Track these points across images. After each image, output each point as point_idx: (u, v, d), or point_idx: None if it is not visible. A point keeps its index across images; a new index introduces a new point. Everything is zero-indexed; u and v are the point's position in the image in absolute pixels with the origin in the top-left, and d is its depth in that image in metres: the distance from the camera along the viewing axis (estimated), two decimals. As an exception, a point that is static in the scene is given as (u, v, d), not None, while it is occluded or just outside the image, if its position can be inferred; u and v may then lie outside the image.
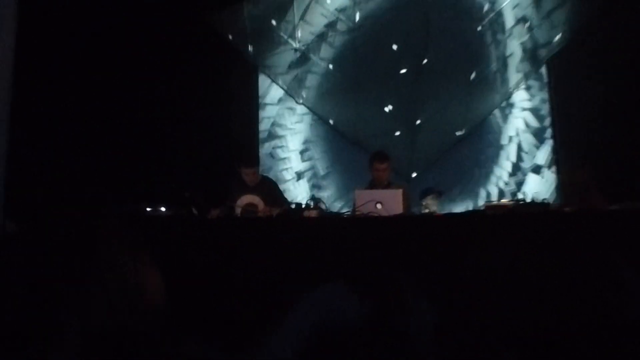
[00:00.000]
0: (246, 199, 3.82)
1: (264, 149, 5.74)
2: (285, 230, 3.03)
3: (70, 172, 4.08)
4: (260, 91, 5.79)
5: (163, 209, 3.14)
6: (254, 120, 5.70)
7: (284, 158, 5.78)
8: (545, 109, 5.87)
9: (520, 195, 3.41)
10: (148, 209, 3.12)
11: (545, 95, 5.88)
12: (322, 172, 5.77)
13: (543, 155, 5.76)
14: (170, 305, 2.07)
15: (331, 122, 5.78)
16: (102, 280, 1.90)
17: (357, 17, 5.41)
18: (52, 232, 2.28)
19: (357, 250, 2.85)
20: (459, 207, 5.48)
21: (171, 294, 2.58)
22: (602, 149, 5.19)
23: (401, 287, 1.76)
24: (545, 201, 3.50)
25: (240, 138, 5.52)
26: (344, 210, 4.62)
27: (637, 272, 2.74)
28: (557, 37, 5.81)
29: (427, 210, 3.81)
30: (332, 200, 5.50)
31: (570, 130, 5.62)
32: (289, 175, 5.76)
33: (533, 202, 3.41)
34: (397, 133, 5.60)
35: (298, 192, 5.64)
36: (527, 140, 5.85)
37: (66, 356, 1.71)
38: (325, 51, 5.65)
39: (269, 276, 2.77)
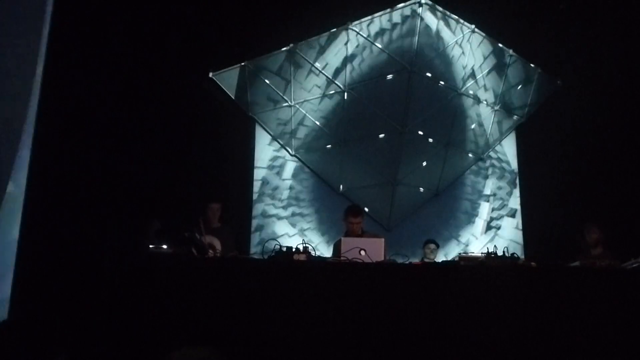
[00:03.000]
0: (207, 239, 3.97)
1: (257, 195, 6.02)
2: (277, 271, 3.30)
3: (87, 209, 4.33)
4: (256, 144, 6.14)
5: (165, 246, 3.37)
6: (249, 167, 6.03)
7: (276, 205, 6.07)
8: (512, 172, 6.47)
9: (491, 248, 3.63)
10: (151, 246, 3.34)
11: (513, 156, 6.47)
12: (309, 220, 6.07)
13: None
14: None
15: (319, 173, 6.16)
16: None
17: (347, 82, 5.85)
18: None
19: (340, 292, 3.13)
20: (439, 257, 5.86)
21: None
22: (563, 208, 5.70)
23: None
24: (515, 255, 3.59)
25: (237, 183, 5.84)
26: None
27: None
28: (525, 107, 6.43)
29: (429, 258, 4.46)
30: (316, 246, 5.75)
31: (534, 188, 6.18)
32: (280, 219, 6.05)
33: (503, 255, 3.52)
34: (377, 188, 5.96)
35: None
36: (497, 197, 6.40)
37: None
38: (316, 109, 6.06)
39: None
